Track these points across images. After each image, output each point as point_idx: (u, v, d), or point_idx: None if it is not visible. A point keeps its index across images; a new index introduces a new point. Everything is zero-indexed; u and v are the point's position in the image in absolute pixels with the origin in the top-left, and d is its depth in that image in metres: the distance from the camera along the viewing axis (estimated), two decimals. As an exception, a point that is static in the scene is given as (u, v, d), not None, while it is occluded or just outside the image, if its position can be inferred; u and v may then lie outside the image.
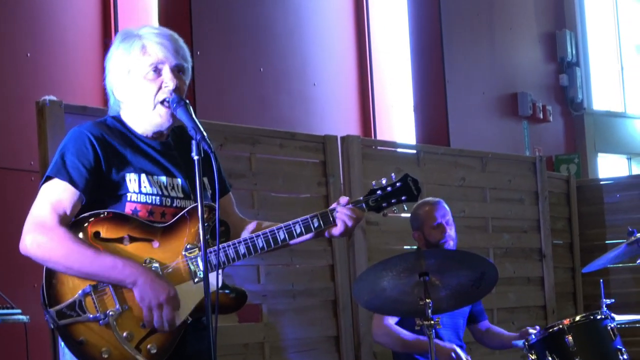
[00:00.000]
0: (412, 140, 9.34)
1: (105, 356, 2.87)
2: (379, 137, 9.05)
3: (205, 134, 2.82)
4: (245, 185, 5.60)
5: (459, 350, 4.54)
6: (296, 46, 8.48)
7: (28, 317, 4.54)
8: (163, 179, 3.04)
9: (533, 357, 4.34)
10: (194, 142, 2.80)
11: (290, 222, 3.12)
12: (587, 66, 12.24)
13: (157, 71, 3.01)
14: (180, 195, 3.06)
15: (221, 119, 6.19)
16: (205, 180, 3.14)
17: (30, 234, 2.88)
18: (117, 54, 3.06)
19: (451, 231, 4.90)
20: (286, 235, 3.10)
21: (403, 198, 3.26)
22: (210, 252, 2.90)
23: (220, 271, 2.95)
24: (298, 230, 3.11)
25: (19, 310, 4.54)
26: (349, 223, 3.15)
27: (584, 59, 12.16)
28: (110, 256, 2.88)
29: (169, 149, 3.12)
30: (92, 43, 6.89)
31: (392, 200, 3.25)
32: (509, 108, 10.61)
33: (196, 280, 2.97)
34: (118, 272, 2.86)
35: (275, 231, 3.10)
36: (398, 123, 9.61)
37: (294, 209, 5.82)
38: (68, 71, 6.70)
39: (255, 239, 3.07)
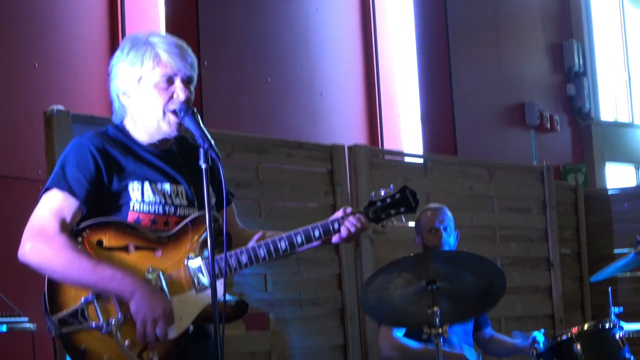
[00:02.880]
0: (420, 150, 9.33)
1: None
2: (386, 147, 9.04)
3: (213, 142, 2.82)
4: (253, 195, 5.60)
5: (468, 355, 4.53)
6: (303, 56, 8.49)
7: (35, 325, 4.54)
8: (167, 186, 3.04)
9: (541, 366, 4.33)
10: (201, 150, 2.80)
11: (292, 232, 3.14)
12: (594, 76, 12.23)
13: (169, 81, 3.01)
14: (185, 203, 3.06)
15: (228, 129, 6.19)
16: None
17: (29, 241, 2.87)
18: (127, 60, 3.04)
19: (449, 238, 4.88)
20: (287, 246, 3.12)
21: (402, 209, 3.31)
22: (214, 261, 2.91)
23: (223, 280, 2.95)
24: (299, 241, 3.13)
25: (25, 319, 4.54)
26: (352, 230, 3.19)
27: (591, 69, 12.16)
28: (110, 267, 2.87)
29: (172, 157, 3.12)
30: (99, 53, 6.92)
31: (391, 212, 3.30)
32: (516, 118, 10.61)
33: (198, 289, 2.98)
34: (117, 284, 2.86)
35: (277, 241, 3.11)
36: (405, 132, 9.61)
37: (301, 219, 5.77)
38: (76, 81, 6.73)
39: (257, 248, 3.08)
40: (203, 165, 2.80)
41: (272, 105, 8.04)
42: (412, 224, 5.15)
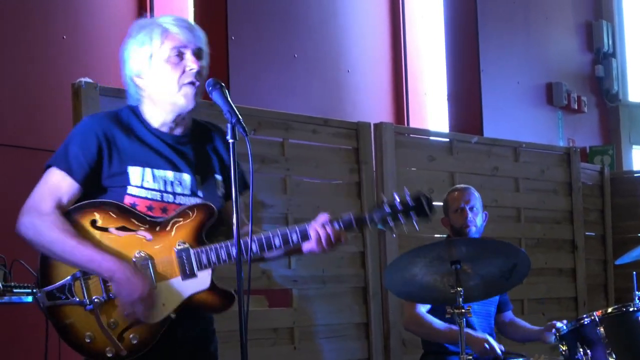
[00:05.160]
0: (445, 129, 9.30)
1: (88, 341, 2.93)
2: (411, 125, 9.02)
3: (240, 117, 2.83)
4: (278, 171, 5.60)
5: (492, 340, 4.53)
6: (330, 33, 8.46)
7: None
8: (169, 173, 3.04)
9: (564, 348, 4.31)
10: (229, 125, 2.81)
11: (270, 233, 3.02)
12: (623, 57, 12.11)
13: (180, 55, 3.03)
14: (186, 192, 3.06)
15: (254, 104, 6.19)
16: (219, 178, 3.15)
17: (25, 216, 2.95)
18: (136, 41, 3.08)
19: (476, 218, 4.88)
20: (258, 249, 3.01)
21: (413, 217, 3.13)
22: (203, 252, 2.96)
23: (211, 271, 2.97)
24: (277, 244, 3.03)
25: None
26: (316, 248, 3.05)
27: (620, 50, 12.04)
28: (91, 249, 2.90)
29: (182, 144, 3.12)
30: (127, 25, 6.87)
31: (400, 219, 3.13)
32: (543, 98, 10.53)
33: (185, 277, 2.97)
34: (96, 266, 2.90)
35: (248, 242, 2.92)
36: (431, 111, 9.58)
37: (326, 195, 5.82)
38: (104, 54, 6.73)
39: (230, 246, 2.97)
40: (230, 140, 2.80)
41: (299, 81, 8.03)
42: (436, 203, 5.14)
